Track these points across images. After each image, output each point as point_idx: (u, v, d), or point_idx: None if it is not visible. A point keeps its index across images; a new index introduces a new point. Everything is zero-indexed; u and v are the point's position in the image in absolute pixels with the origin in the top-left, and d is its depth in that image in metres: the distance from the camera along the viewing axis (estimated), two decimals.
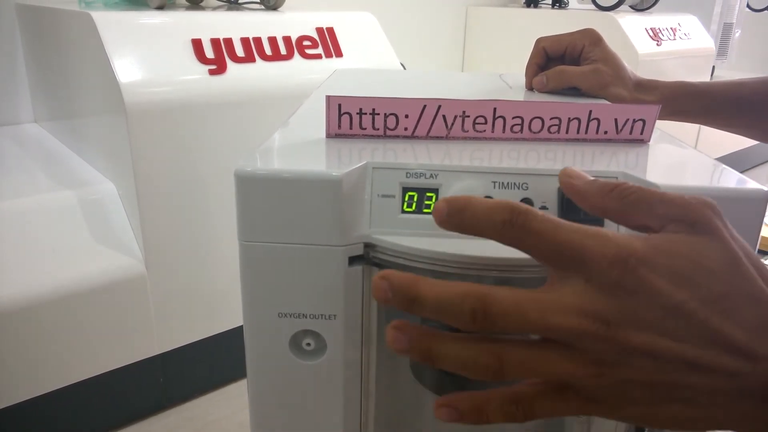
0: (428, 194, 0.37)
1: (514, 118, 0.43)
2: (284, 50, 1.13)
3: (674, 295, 0.24)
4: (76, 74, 1.12)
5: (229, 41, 1.06)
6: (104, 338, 0.99)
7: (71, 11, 1.06)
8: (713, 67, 2.27)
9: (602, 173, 0.37)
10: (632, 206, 0.27)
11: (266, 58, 1.10)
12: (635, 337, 0.24)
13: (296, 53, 1.15)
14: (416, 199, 0.37)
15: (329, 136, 0.42)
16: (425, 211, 0.37)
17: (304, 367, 0.39)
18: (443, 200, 0.27)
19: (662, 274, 0.24)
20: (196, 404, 1.14)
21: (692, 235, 0.26)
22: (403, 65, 1.35)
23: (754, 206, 0.35)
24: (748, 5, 2.72)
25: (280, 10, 1.26)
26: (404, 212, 0.37)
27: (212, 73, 1.03)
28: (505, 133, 0.43)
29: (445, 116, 0.42)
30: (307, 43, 1.17)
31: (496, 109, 0.43)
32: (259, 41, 1.10)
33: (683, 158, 0.43)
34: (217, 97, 1.02)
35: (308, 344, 0.39)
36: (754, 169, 2.74)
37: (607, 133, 0.44)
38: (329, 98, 0.41)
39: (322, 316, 0.37)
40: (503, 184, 0.37)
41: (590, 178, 0.30)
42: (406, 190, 0.37)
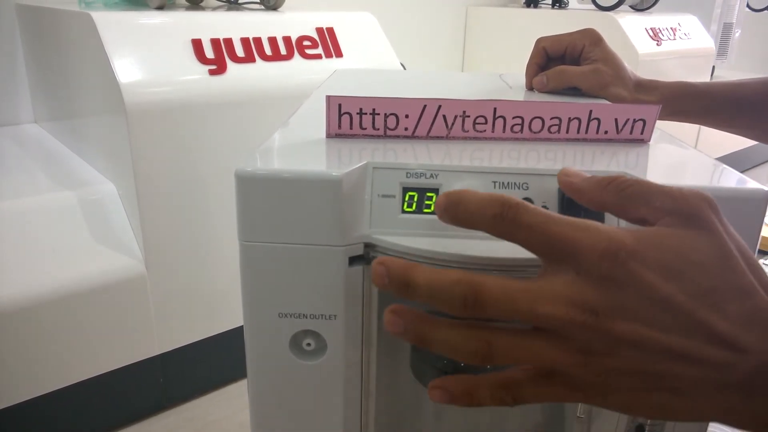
0: (428, 194, 0.37)
1: (514, 118, 0.43)
2: (284, 50, 1.13)
3: (662, 287, 0.25)
4: (76, 74, 1.12)
5: (229, 41, 1.06)
6: (104, 338, 0.99)
7: (71, 11, 1.06)
8: (713, 67, 2.27)
9: (602, 173, 0.37)
10: (629, 199, 0.28)
11: (266, 58, 1.10)
12: (622, 327, 0.25)
13: (296, 53, 1.15)
14: (416, 199, 0.37)
15: (329, 136, 0.42)
16: (425, 211, 0.37)
17: (304, 367, 0.39)
18: (443, 194, 0.28)
19: (651, 267, 0.25)
20: (196, 404, 1.14)
21: (685, 228, 0.26)
22: (403, 65, 1.35)
23: (754, 206, 0.35)
24: (748, 5, 2.72)
25: (280, 10, 1.26)
26: (404, 212, 0.37)
27: (212, 73, 1.03)
28: (505, 133, 0.43)
29: (445, 116, 0.42)
30: (307, 43, 1.17)
31: (496, 109, 0.43)
32: (259, 41, 1.10)
33: (683, 158, 0.43)
34: (217, 97, 1.02)
35: (308, 344, 0.39)
36: (754, 169, 2.74)
37: (607, 133, 0.44)
38: (329, 98, 0.41)
39: (322, 316, 0.37)
40: (503, 184, 0.37)
41: (588, 175, 0.30)
42: (406, 190, 0.37)
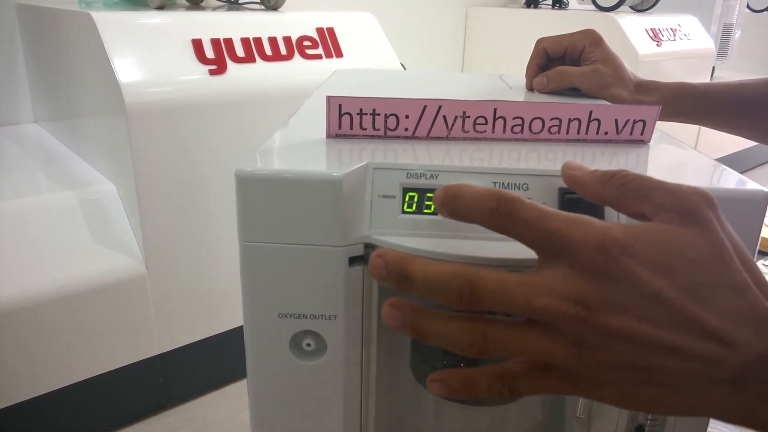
0: (429, 194, 0.37)
1: (514, 118, 0.43)
2: (284, 50, 1.13)
3: (653, 282, 0.25)
4: (76, 74, 1.12)
5: (229, 41, 1.06)
6: (104, 338, 0.99)
7: (71, 11, 1.06)
8: (713, 67, 2.27)
9: None
10: (630, 194, 0.28)
11: (266, 58, 1.10)
12: (614, 320, 0.25)
13: (296, 53, 1.15)
14: (416, 199, 0.37)
15: (329, 136, 0.42)
16: (425, 211, 0.37)
17: (304, 367, 0.39)
18: (441, 188, 0.29)
19: (644, 262, 0.25)
20: (196, 404, 1.14)
21: (682, 225, 0.27)
22: (403, 65, 1.35)
23: (754, 207, 0.35)
24: (748, 6, 2.72)
25: (280, 10, 1.26)
26: (404, 212, 0.37)
27: (212, 73, 1.03)
28: (505, 133, 0.43)
29: (445, 117, 0.42)
30: (307, 43, 1.17)
31: (496, 109, 0.43)
32: (259, 41, 1.10)
33: (683, 159, 0.44)
34: (217, 97, 1.02)
35: (308, 344, 0.39)
36: (754, 169, 2.74)
37: (607, 133, 0.44)
38: (329, 98, 0.41)
39: (322, 316, 0.38)
40: (504, 184, 0.37)
41: (591, 169, 0.31)
42: (406, 190, 0.37)
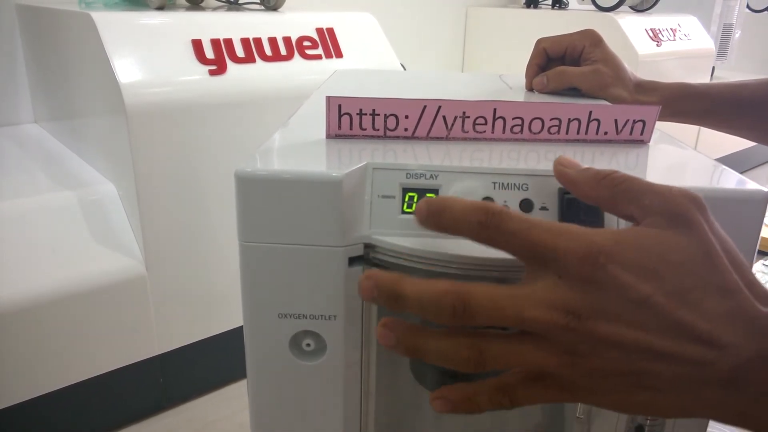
0: (428, 195, 0.37)
1: (514, 118, 0.43)
2: (284, 51, 1.13)
3: (640, 288, 0.25)
4: (76, 75, 1.12)
5: (229, 42, 1.06)
6: (104, 339, 0.99)
7: (71, 11, 1.06)
8: (713, 67, 2.27)
9: None
10: (621, 195, 0.29)
11: (266, 58, 1.10)
12: (604, 328, 0.25)
13: (296, 54, 1.15)
14: (416, 199, 0.37)
15: (329, 136, 0.42)
16: None
17: (304, 367, 0.39)
18: (423, 201, 0.29)
19: (630, 268, 0.25)
20: (195, 405, 1.14)
21: (670, 228, 0.27)
22: (403, 66, 1.35)
23: (753, 207, 0.35)
24: (748, 6, 2.72)
25: (280, 10, 1.26)
26: (404, 213, 0.37)
27: (212, 73, 1.03)
28: (505, 133, 0.43)
29: (445, 117, 0.42)
30: (307, 43, 1.17)
31: (496, 109, 0.43)
32: (259, 42, 1.10)
33: (683, 159, 0.44)
34: (217, 97, 1.02)
35: (308, 345, 0.39)
36: (753, 169, 2.74)
37: (607, 133, 0.44)
38: (329, 99, 0.41)
39: (322, 316, 0.38)
40: (503, 184, 0.37)
41: (583, 165, 0.31)
42: (406, 190, 0.37)
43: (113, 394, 1.04)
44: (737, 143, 2.42)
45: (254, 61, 1.09)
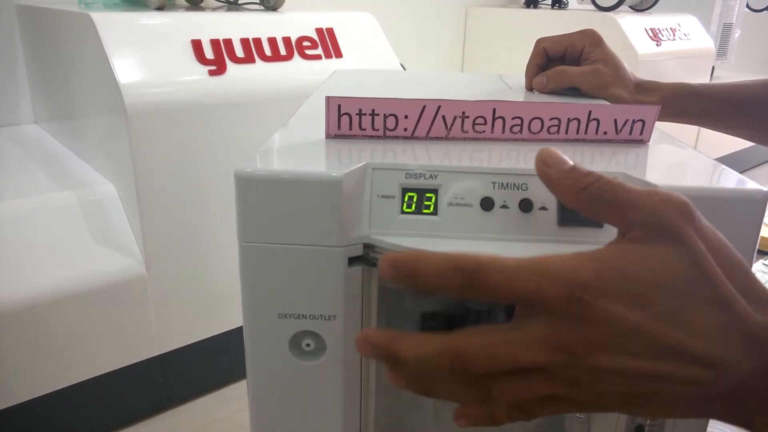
0: (428, 195, 0.37)
1: (513, 118, 0.43)
2: (284, 51, 1.13)
3: (631, 317, 0.25)
4: (76, 75, 1.12)
5: (228, 42, 1.06)
6: (104, 339, 0.99)
7: (71, 12, 1.06)
8: (713, 67, 2.27)
9: (602, 173, 0.37)
10: (602, 207, 0.28)
11: (266, 58, 1.10)
12: (600, 359, 0.26)
13: (296, 54, 1.15)
14: (416, 199, 0.37)
15: (329, 136, 0.42)
16: (425, 211, 0.37)
17: (303, 367, 0.39)
18: (387, 260, 0.28)
19: (617, 299, 0.25)
20: (195, 405, 1.14)
21: (654, 243, 0.26)
22: (403, 66, 1.35)
23: (753, 206, 0.35)
24: (747, 5, 2.72)
25: (279, 10, 1.26)
26: (404, 213, 0.37)
27: (212, 73, 1.03)
28: (504, 133, 0.43)
29: (444, 117, 0.42)
30: (306, 43, 1.17)
31: (495, 109, 0.43)
32: (258, 42, 1.10)
33: (683, 159, 0.43)
34: (216, 97, 1.02)
35: (308, 345, 0.39)
36: (753, 169, 2.74)
37: (606, 133, 0.44)
38: (329, 99, 0.41)
39: (321, 316, 0.38)
40: (503, 184, 0.37)
41: (567, 164, 0.30)
42: (405, 190, 0.37)
43: (113, 394, 1.04)
44: (737, 143, 2.42)
45: (254, 61, 1.09)
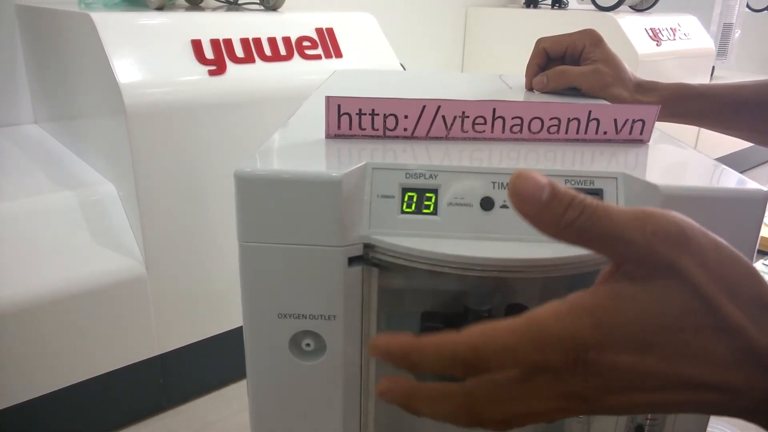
0: (428, 195, 0.37)
1: (513, 118, 0.43)
2: (284, 51, 1.13)
3: (640, 364, 0.25)
4: (75, 75, 1.12)
5: (228, 42, 1.06)
6: (104, 339, 0.99)
7: (71, 12, 1.06)
8: (713, 67, 2.27)
9: (602, 173, 0.37)
10: (591, 243, 0.27)
11: (266, 58, 1.10)
12: (614, 399, 0.26)
13: (296, 54, 1.15)
14: (416, 199, 0.37)
15: (329, 136, 0.42)
16: (424, 211, 0.37)
17: (303, 367, 0.39)
18: (378, 349, 0.27)
19: (622, 349, 0.25)
20: (195, 405, 1.14)
21: (652, 281, 0.26)
22: (402, 66, 1.35)
23: (753, 206, 0.35)
24: (747, 5, 2.72)
25: (279, 10, 1.26)
26: (404, 213, 0.37)
27: (212, 73, 1.03)
28: (504, 133, 0.43)
29: (444, 117, 0.42)
30: (306, 43, 1.17)
31: (495, 109, 0.43)
32: (258, 42, 1.10)
33: (683, 158, 0.43)
34: (216, 97, 1.02)
35: (308, 345, 0.39)
36: (753, 169, 2.74)
37: (606, 133, 0.44)
38: (329, 99, 0.41)
39: (321, 316, 0.38)
40: (503, 184, 0.37)
41: (543, 191, 0.26)
42: (405, 190, 0.37)
43: (113, 394, 1.04)
44: (737, 143, 2.42)
45: (254, 61, 1.09)
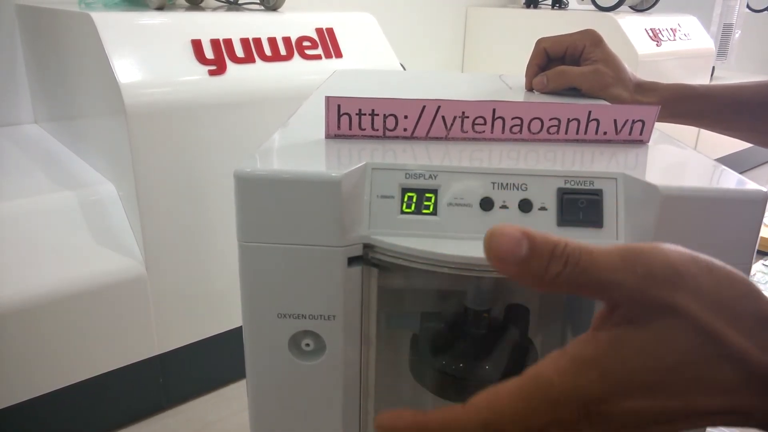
0: (427, 195, 0.37)
1: (513, 118, 0.43)
2: (284, 51, 1.13)
3: (651, 405, 0.25)
4: (76, 75, 1.12)
5: (228, 42, 1.06)
6: (104, 339, 0.99)
7: (71, 12, 1.06)
8: (713, 67, 2.27)
9: (602, 174, 0.37)
10: (581, 292, 0.26)
11: (266, 58, 1.10)
12: None
13: (296, 54, 1.15)
14: (415, 199, 0.37)
15: (329, 136, 0.42)
16: (424, 212, 0.37)
17: (303, 367, 0.39)
18: (384, 429, 0.27)
19: (630, 396, 0.25)
20: (195, 405, 1.14)
21: (649, 323, 0.25)
22: (402, 66, 1.35)
23: (753, 207, 0.35)
24: (748, 6, 2.72)
25: (279, 10, 1.26)
26: (403, 213, 0.37)
27: (212, 73, 1.03)
28: (504, 133, 0.43)
29: (444, 117, 0.42)
30: (306, 43, 1.17)
31: (495, 109, 0.43)
32: (258, 42, 1.10)
33: (683, 159, 0.43)
34: (216, 97, 1.02)
35: (307, 345, 0.39)
36: (753, 170, 2.74)
37: (606, 133, 0.44)
38: (328, 99, 0.41)
39: (321, 316, 0.38)
40: (502, 185, 0.37)
41: (521, 247, 0.25)
42: (405, 190, 0.37)
43: (113, 394, 1.04)
44: (737, 143, 2.42)
45: (254, 61, 1.09)
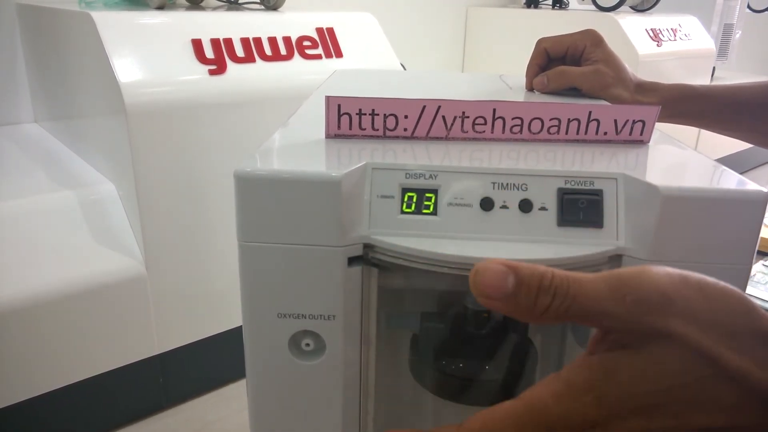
0: (427, 195, 0.37)
1: (513, 118, 0.43)
2: (284, 50, 1.13)
3: (649, 424, 0.25)
4: (76, 74, 1.12)
5: (229, 41, 1.06)
6: (104, 338, 0.99)
7: (71, 11, 1.06)
8: (713, 67, 2.27)
9: (602, 174, 0.37)
10: (572, 320, 0.26)
11: (266, 58, 1.10)
12: None
13: (296, 53, 1.15)
14: (415, 199, 0.37)
15: (329, 136, 0.42)
16: (424, 211, 0.37)
17: (303, 367, 0.39)
18: None
19: (630, 416, 0.25)
20: (195, 404, 1.14)
21: (643, 348, 0.25)
22: (403, 65, 1.35)
23: (753, 207, 0.35)
24: (748, 6, 2.72)
25: (280, 10, 1.26)
26: (403, 213, 0.37)
27: (212, 73, 1.03)
28: (504, 133, 0.43)
29: (444, 117, 0.42)
30: (307, 43, 1.17)
31: (495, 109, 0.43)
32: (259, 41, 1.10)
33: (683, 159, 0.43)
34: (217, 97, 1.02)
35: (307, 344, 0.39)
36: (753, 170, 2.74)
37: (606, 134, 0.44)
38: (329, 99, 0.41)
39: (321, 316, 0.37)
40: (502, 185, 0.37)
41: (507, 281, 0.25)
42: (405, 190, 0.37)
43: (113, 394, 1.04)
44: (737, 144, 2.42)
45: (254, 60, 1.09)
